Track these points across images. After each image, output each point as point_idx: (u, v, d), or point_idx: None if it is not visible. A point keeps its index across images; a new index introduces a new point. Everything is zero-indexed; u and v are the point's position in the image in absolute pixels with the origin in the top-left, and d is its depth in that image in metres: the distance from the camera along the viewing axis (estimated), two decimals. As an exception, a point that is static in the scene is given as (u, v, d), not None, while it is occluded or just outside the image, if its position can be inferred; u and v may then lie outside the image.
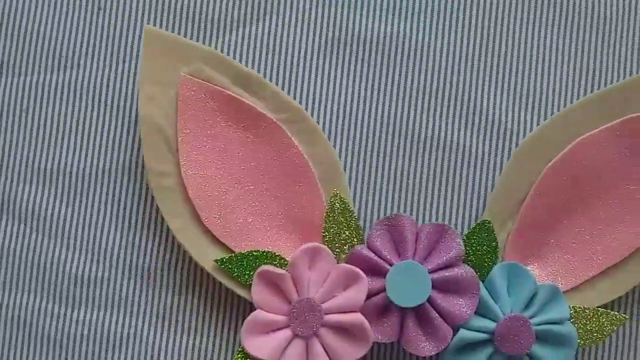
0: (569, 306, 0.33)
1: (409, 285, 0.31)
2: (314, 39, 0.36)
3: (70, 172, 0.35)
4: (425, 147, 0.35)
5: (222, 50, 0.35)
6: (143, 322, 0.35)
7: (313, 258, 0.32)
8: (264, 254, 0.33)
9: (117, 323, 0.34)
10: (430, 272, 0.32)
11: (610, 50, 0.36)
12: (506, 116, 0.35)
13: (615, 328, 0.32)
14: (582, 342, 0.32)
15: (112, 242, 0.35)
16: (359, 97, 0.36)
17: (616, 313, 0.32)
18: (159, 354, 0.34)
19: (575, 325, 0.32)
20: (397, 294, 0.31)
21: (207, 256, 0.33)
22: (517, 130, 0.35)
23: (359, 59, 0.36)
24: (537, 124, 0.35)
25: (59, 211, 0.35)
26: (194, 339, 0.34)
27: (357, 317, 0.31)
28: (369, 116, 0.35)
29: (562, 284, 0.33)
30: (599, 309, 0.32)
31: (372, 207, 0.35)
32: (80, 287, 0.35)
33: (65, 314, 0.34)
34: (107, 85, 0.35)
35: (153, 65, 0.33)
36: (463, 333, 0.31)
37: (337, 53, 0.36)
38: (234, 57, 0.35)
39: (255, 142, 0.34)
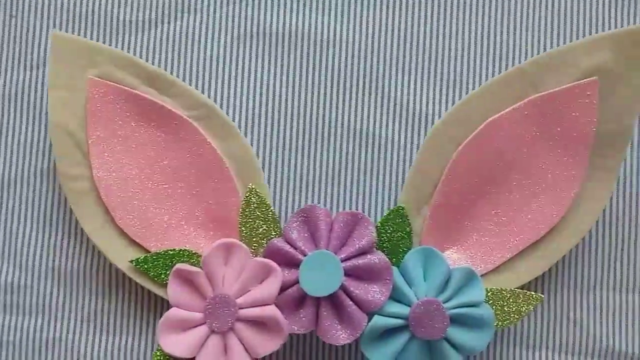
0: (487, 288, 0.33)
1: (322, 275, 0.31)
2: (225, 36, 0.36)
3: (-11, 181, 0.35)
4: (342, 137, 0.35)
5: (133, 52, 0.36)
6: (67, 327, 0.35)
7: (228, 254, 0.32)
8: (180, 252, 0.33)
9: (41, 328, 0.35)
10: (343, 260, 0.32)
11: (516, 32, 0.36)
12: (420, 103, 0.35)
13: (532, 308, 0.32)
14: (500, 324, 0.32)
15: (32, 248, 0.35)
16: (273, 90, 0.36)
17: (532, 293, 0.32)
18: (84, 357, 0.35)
19: (493, 307, 0.32)
20: (310, 284, 0.31)
21: (123, 257, 0.33)
22: (432, 116, 0.35)
23: (272, 53, 0.36)
24: (445, 109, 0.35)
25: (-22, 220, 0.35)
26: (118, 340, 0.35)
27: (271, 310, 0.31)
28: (284, 109, 0.36)
29: (480, 267, 0.33)
30: (516, 290, 0.32)
31: (290, 200, 0.35)
32: (3, 293, 0.35)
33: (-11, 322, 0.35)
34: (22, 91, 0.36)
35: (62, 70, 0.33)
36: (377, 319, 0.31)
37: (250, 48, 0.36)
38: (145, 59, 0.35)
39: (168, 140, 0.34)
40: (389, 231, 0.33)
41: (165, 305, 0.34)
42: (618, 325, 0.35)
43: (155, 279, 0.33)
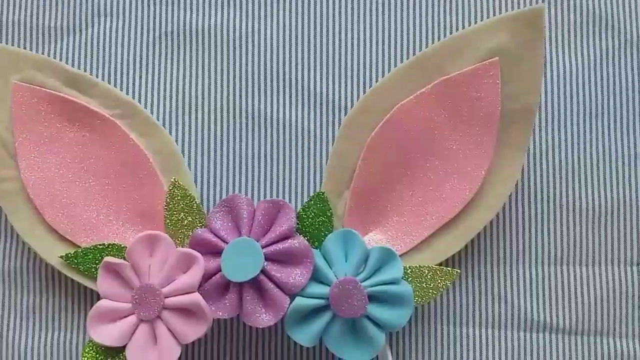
0: (406, 266, 0.34)
1: (243, 261, 0.32)
2: (142, 37, 0.37)
3: None
4: (260, 127, 0.37)
5: (55, 57, 0.37)
6: (8, 325, 0.36)
7: (152, 245, 0.33)
8: (109, 246, 0.34)
9: (-20, 327, 0.36)
10: (265, 246, 0.33)
11: (417, 19, 0.37)
12: (333, 93, 0.37)
13: (449, 283, 0.33)
14: (419, 300, 0.33)
15: (-33, 250, 0.36)
16: (190, 85, 0.37)
17: (449, 269, 0.33)
18: (24, 353, 0.36)
19: (412, 284, 0.33)
20: (231, 270, 0.32)
21: (54, 254, 0.34)
22: (345, 104, 0.37)
23: (188, 50, 0.37)
24: (357, 98, 0.36)
25: None
26: (57, 335, 0.36)
27: (194, 297, 0.32)
28: (204, 103, 0.37)
29: (400, 246, 0.34)
30: (433, 266, 0.34)
31: (214, 191, 0.36)
32: (-58, 296, 0.36)
33: None
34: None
35: (-15, 77, 0.34)
36: (298, 300, 0.32)
37: (167, 47, 0.37)
38: (67, 63, 0.37)
39: (92, 139, 0.35)
40: (311, 216, 0.34)
41: (98, 299, 0.35)
42: (541, 297, 0.36)
43: (86, 272, 0.34)
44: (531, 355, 0.36)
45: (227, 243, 0.33)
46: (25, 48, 0.37)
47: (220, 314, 0.33)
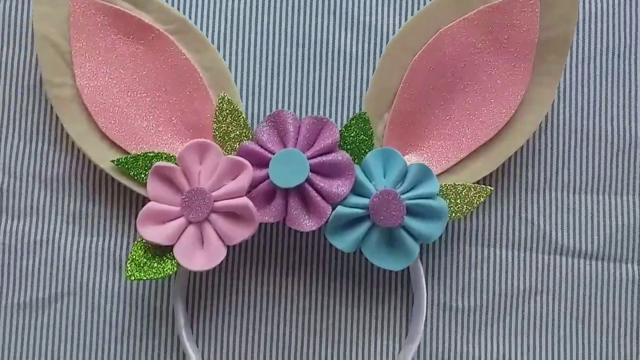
0: (442, 184, 0.36)
1: (290, 170, 0.34)
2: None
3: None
4: (306, 49, 0.38)
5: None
6: (54, 228, 0.37)
7: (202, 153, 0.35)
8: (158, 154, 0.35)
9: (29, 230, 0.37)
10: (310, 158, 0.34)
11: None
12: (377, 19, 0.38)
13: (482, 199, 0.35)
14: (453, 214, 0.35)
15: (20, 156, 0.37)
16: (242, 11, 0.38)
17: (482, 186, 0.35)
18: (69, 257, 0.37)
19: (447, 199, 0.35)
20: (278, 177, 0.34)
21: (106, 159, 0.35)
22: (387, 31, 0.38)
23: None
24: (401, 23, 0.38)
25: (-31, 130, 0.38)
26: (102, 240, 0.37)
27: (243, 201, 0.34)
28: (253, 24, 0.38)
29: (437, 167, 0.36)
30: (467, 184, 0.35)
31: (260, 107, 0.38)
32: (-6, 198, 0.37)
33: (-19, 225, 0.37)
34: (6, 18, 0.38)
35: (45, -13, 0.36)
36: (340, 209, 0.34)
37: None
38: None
39: (145, 52, 0.36)
40: (352, 134, 0.36)
41: (141, 207, 0.37)
42: (566, 223, 0.38)
43: (135, 177, 0.35)
44: (554, 277, 0.38)
45: (273, 154, 0.35)
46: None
47: (267, 218, 0.34)
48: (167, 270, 0.34)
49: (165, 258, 0.34)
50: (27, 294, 0.37)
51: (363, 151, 0.36)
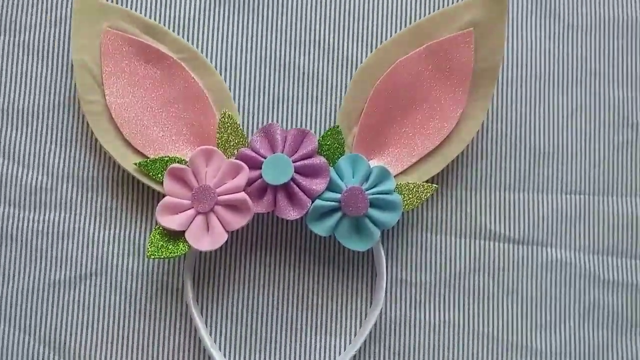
0: (397, 183, 0.44)
1: (278, 171, 0.42)
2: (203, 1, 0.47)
3: (23, 109, 0.46)
4: (291, 75, 0.47)
5: (132, 9, 0.46)
6: (85, 220, 0.45)
7: (208, 157, 0.43)
8: (172, 158, 0.44)
9: (63, 221, 0.45)
10: (294, 161, 0.43)
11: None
12: (349, 49, 0.47)
13: (429, 194, 0.44)
14: (406, 207, 0.44)
15: (57, 159, 0.45)
16: (240, 39, 0.47)
17: (429, 184, 0.43)
18: (98, 243, 0.45)
19: (401, 194, 0.44)
20: (269, 177, 0.42)
21: (129, 162, 0.44)
22: (355, 59, 0.47)
23: (240, 11, 0.47)
24: (367, 54, 0.47)
25: (14, 138, 0.45)
26: (125, 229, 0.45)
27: (242, 195, 0.42)
28: (249, 53, 0.47)
29: (394, 169, 0.44)
30: (417, 182, 0.44)
31: (254, 121, 0.47)
32: (34, 194, 0.45)
33: (24, 217, 0.45)
34: (47, 43, 0.46)
35: (82, 22, 0.44)
36: (317, 202, 0.42)
37: (223, 7, 0.47)
38: (143, 14, 0.46)
39: (162, 75, 0.45)
40: (328, 143, 0.44)
41: (157, 203, 0.45)
42: (499, 215, 0.46)
43: (154, 177, 0.43)
44: (489, 259, 0.46)
45: (265, 159, 0.43)
46: (112, 1, 0.47)
47: (260, 209, 0.43)
48: (180, 250, 0.42)
49: (178, 241, 0.42)
50: (60, 273, 0.45)
51: (336, 156, 0.44)
